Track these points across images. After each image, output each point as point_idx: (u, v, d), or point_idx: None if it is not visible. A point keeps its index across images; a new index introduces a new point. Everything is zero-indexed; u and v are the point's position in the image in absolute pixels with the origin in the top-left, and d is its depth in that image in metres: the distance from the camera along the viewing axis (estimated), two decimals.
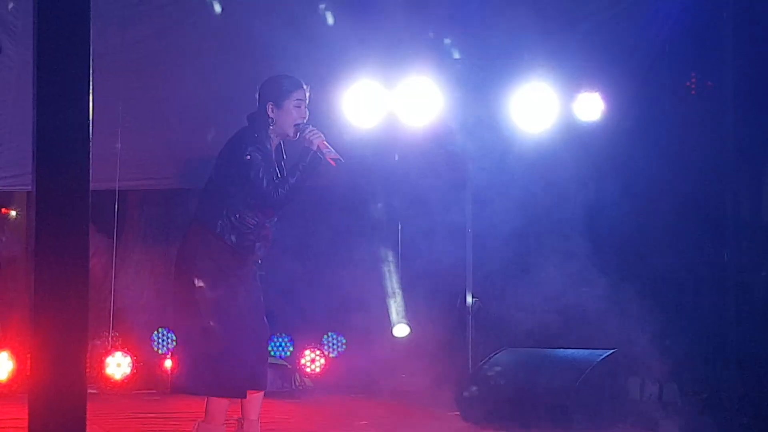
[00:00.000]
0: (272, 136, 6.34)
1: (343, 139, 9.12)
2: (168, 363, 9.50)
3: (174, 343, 6.13)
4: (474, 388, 8.26)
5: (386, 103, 9.19)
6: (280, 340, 10.09)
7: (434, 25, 8.91)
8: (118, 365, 9.46)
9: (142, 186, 10.00)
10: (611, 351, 8.08)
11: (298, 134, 6.32)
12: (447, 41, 9.08)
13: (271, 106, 6.31)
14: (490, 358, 8.43)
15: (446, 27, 9.01)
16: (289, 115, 6.31)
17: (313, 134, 6.28)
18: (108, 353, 9.48)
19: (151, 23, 8.90)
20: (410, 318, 9.85)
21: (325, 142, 6.29)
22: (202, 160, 9.41)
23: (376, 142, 9.27)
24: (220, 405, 6.27)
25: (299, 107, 6.32)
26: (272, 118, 6.31)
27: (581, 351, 8.25)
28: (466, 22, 8.99)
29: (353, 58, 8.99)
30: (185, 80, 8.83)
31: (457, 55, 9.23)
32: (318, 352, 10.07)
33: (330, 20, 8.80)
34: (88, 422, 3.43)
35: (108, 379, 9.45)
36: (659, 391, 9.28)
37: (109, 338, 9.49)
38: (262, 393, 6.39)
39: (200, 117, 9.01)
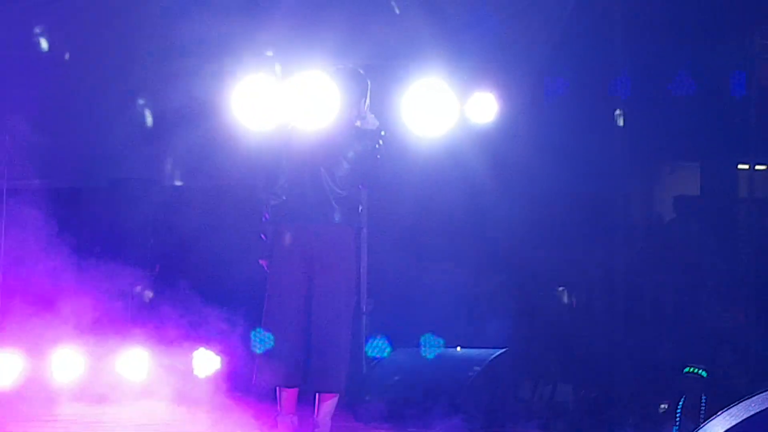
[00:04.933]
0: None
1: (236, 142, 9.06)
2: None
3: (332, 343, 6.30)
4: (367, 388, 8.25)
5: (283, 103, 9.10)
6: None
7: (329, 26, 8.88)
8: None
9: (33, 185, 9.80)
10: (502, 350, 8.13)
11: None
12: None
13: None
14: (383, 358, 8.43)
15: (342, 28, 8.98)
16: None
17: None
18: None
19: (46, 17, 8.76)
20: None
21: None
22: (97, 158, 9.31)
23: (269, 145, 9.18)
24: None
25: None
26: None
27: (473, 350, 8.29)
28: (362, 23, 8.98)
29: (251, 56, 8.94)
30: (81, 76, 8.71)
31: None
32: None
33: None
34: None
35: None
36: (552, 390, 9.37)
37: None
38: None
39: (95, 115, 8.89)
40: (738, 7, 9.46)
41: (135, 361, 9.36)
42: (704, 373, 8.65)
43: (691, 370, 8.66)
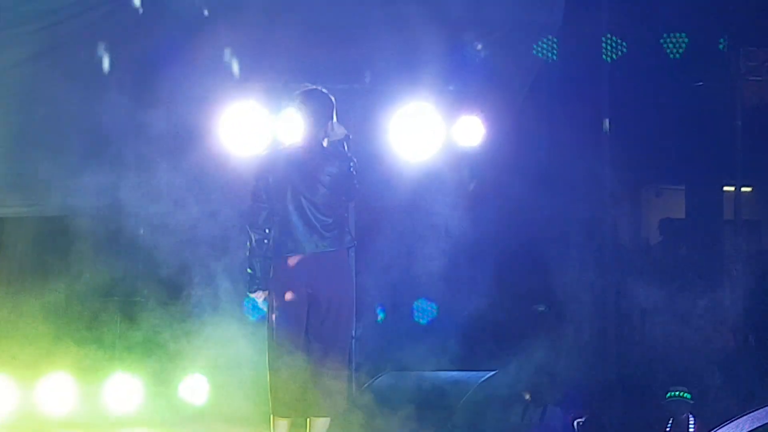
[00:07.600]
0: None
1: (226, 165, 9.05)
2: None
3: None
4: (357, 412, 8.23)
5: (271, 128, 9.11)
6: None
7: (316, 49, 8.90)
8: None
9: (17, 213, 9.72)
10: (492, 373, 8.13)
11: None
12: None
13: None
14: (373, 382, 8.42)
15: (329, 52, 9.00)
16: None
17: None
18: None
19: (25, 47, 8.76)
20: None
21: None
22: (83, 186, 9.27)
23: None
24: None
25: None
26: None
27: (462, 373, 8.28)
28: (349, 47, 9.01)
29: (238, 82, 8.95)
30: (61, 105, 8.69)
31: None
32: None
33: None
34: None
35: None
36: (542, 414, 9.35)
37: None
38: None
39: (77, 143, 8.88)
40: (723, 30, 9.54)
41: (124, 389, 9.30)
42: (688, 396, 8.66)
43: (674, 394, 8.67)
